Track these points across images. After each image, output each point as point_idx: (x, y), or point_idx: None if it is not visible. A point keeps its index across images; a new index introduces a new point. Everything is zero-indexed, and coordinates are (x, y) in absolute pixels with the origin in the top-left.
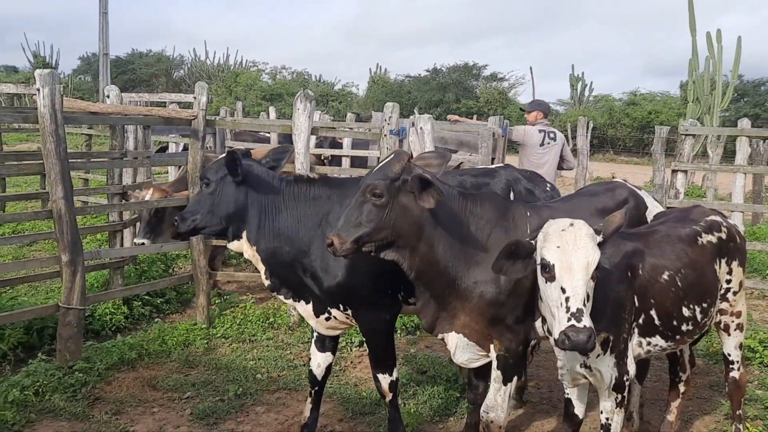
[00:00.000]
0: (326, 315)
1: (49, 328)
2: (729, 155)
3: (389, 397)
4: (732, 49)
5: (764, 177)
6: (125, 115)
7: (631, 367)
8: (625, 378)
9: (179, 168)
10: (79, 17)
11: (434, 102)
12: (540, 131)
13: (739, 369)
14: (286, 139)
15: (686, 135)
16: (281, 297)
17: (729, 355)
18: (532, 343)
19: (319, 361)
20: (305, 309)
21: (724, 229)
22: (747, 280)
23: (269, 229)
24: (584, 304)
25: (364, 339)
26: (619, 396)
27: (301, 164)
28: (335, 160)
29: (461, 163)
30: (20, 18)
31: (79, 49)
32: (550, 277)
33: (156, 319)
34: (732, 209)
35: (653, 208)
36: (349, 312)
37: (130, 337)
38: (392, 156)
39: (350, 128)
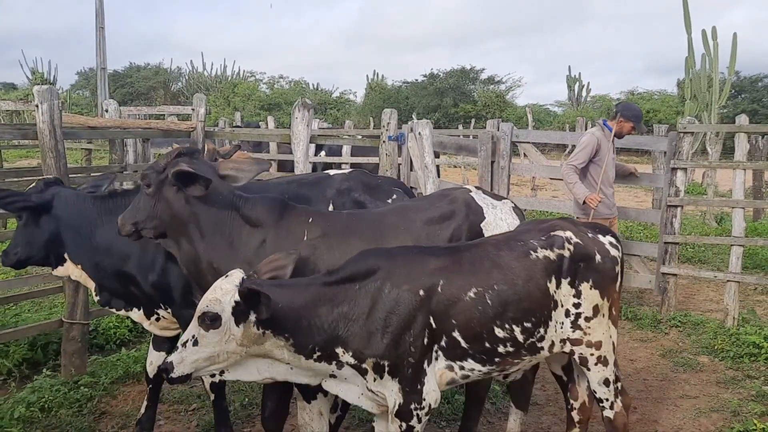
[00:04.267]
0: (156, 316)
1: (54, 343)
2: (728, 152)
3: None
4: (728, 46)
5: (764, 172)
6: (124, 128)
7: (430, 395)
8: (412, 406)
9: None
10: (77, 33)
11: (432, 107)
12: None
13: (612, 407)
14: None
15: (685, 133)
16: (113, 309)
17: (595, 392)
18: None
19: (152, 359)
20: (138, 315)
21: (568, 246)
22: (750, 276)
23: (89, 245)
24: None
25: None
26: (404, 424)
27: (300, 172)
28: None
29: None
30: (18, 35)
31: (76, 65)
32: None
33: None
34: (733, 205)
35: (494, 221)
36: (170, 311)
37: (135, 350)
38: (170, 151)
39: (349, 135)
